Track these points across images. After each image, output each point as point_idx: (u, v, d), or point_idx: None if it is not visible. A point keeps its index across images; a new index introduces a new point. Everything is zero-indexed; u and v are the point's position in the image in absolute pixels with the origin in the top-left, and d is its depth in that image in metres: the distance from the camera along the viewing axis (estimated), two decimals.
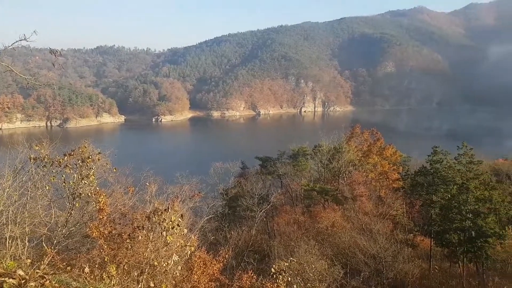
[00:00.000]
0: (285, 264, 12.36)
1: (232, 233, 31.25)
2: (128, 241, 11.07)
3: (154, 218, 10.93)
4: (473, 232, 31.20)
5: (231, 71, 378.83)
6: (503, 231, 32.33)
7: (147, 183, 18.64)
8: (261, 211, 35.54)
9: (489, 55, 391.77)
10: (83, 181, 13.35)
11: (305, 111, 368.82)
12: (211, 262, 15.88)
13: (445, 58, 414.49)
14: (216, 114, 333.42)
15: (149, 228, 10.99)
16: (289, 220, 39.29)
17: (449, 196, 33.88)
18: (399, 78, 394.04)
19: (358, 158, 53.00)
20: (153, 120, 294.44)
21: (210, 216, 29.28)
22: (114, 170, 15.93)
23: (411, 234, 41.32)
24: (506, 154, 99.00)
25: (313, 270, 19.44)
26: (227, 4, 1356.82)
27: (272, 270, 11.98)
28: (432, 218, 35.52)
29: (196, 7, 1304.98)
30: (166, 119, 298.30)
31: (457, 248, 31.65)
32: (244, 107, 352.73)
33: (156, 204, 12.00)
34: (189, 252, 11.97)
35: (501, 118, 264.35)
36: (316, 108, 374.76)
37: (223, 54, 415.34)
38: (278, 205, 45.78)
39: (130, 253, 10.75)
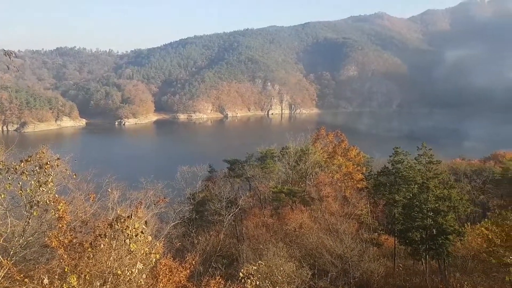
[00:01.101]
0: (254, 268, 12.23)
1: (200, 238, 30.78)
2: (89, 250, 10.60)
3: (116, 226, 10.56)
4: (434, 230, 32.43)
5: (197, 73, 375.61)
6: (462, 228, 33.88)
7: (109, 189, 17.98)
8: (230, 214, 35.26)
9: (445, 59, 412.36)
10: (41, 188, 12.62)
11: (272, 114, 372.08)
12: (177, 269, 15.49)
13: (404, 62, 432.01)
14: (182, 116, 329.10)
15: (112, 236, 10.60)
16: (257, 223, 39.25)
17: (411, 195, 35.10)
18: (361, 81, 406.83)
19: (324, 159, 54.03)
20: (116, 123, 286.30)
21: (177, 221, 28.66)
22: (74, 176, 15.23)
23: (376, 233, 42.45)
24: (463, 154, 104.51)
25: (281, 273, 19.45)
26: (192, 5, 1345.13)
27: (241, 274, 11.81)
28: (395, 217, 36.62)
29: (160, 8, 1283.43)
30: (129, 122, 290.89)
31: (420, 246, 32.73)
32: (211, 110, 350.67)
33: (119, 211, 11.64)
34: (154, 259, 11.61)
35: (458, 120, 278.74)
36: (283, 111, 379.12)
37: (189, 56, 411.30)
38: (246, 208, 45.65)
39: (92, 262, 10.31)
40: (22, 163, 12.28)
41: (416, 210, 33.22)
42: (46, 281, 7.73)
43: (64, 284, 8.82)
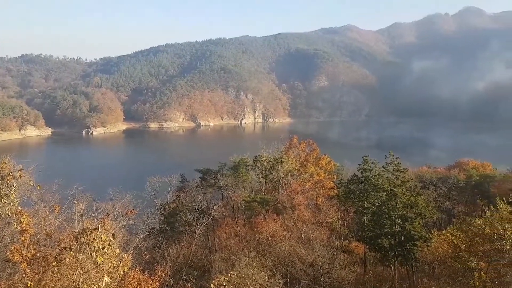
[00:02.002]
0: (225, 278, 12.17)
1: (170, 250, 30.17)
2: (54, 264, 10.28)
3: (82, 238, 10.34)
4: (402, 236, 33.30)
5: (169, 81, 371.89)
6: (429, 234, 34.99)
7: (75, 201, 17.42)
8: (201, 225, 34.80)
9: (411, 71, 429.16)
10: (2, 200, 12.11)
11: (245, 123, 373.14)
12: (147, 282, 15.17)
13: (372, 73, 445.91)
14: (153, 125, 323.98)
15: (78, 249, 10.37)
16: (230, 232, 38.97)
17: (379, 202, 35.98)
18: (332, 91, 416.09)
19: (296, 168, 54.61)
20: (84, 132, 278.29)
21: (146, 233, 28.00)
22: (38, 188, 14.72)
23: (346, 240, 43.13)
24: (429, 162, 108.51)
25: (253, 283, 19.35)
26: (164, 14, 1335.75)
27: (212, 286, 11.70)
28: (365, 224, 37.38)
29: (131, 15, 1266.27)
30: (97, 131, 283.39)
31: (389, 252, 33.51)
32: (183, 119, 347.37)
33: (85, 223, 11.36)
34: (122, 272, 11.34)
35: (423, 129, 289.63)
36: (256, 120, 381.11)
37: (160, 64, 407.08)
38: (219, 218, 45.24)
39: (56, 276, 9.99)
40: None
41: (384, 217, 34.04)
42: None
43: None
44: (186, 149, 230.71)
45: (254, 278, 19.95)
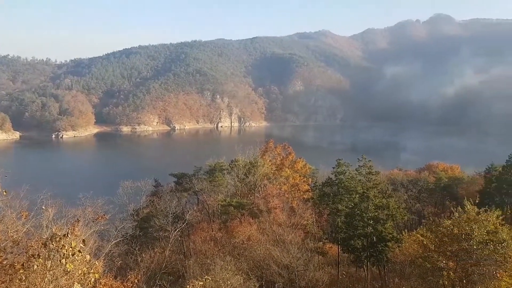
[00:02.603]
0: (200, 283, 12.10)
1: (144, 255, 29.70)
2: (21, 271, 10.03)
3: (51, 245, 10.12)
4: (374, 237, 34.12)
5: (142, 84, 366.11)
6: (400, 235, 35.98)
7: (43, 207, 16.90)
8: (176, 230, 34.39)
9: (384, 76, 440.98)
10: None
11: (222, 126, 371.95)
12: None
13: (346, 78, 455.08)
14: (126, 129, 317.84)
15: (46, 256, 10.14)
16: (205, 237, 38.69)
17: (352, 204, 36.73)
18: (307, 96, 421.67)
19: (272, 171, 54.88)
20: (53, 136, 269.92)
21: (119, 239, 27.48)
22: (5, 193, 14.26)
23: (321, 242, 43.64)
24: (400, 165, 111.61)
25: (228, 287, 19.32)
26: (137, 15, 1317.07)
27: None
28: (338, 226, 38.00)
29: (102, 16, 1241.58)
30: (68, 135, 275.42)
31: (361, 253, 34.24)
32: (157, 122, 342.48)
33: (54, 229, 11.05)
34: (93, 279, 11.08)
35: (395, 133, 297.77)
36: (232, 123, 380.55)
37: (133, 66, 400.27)
38: (194, 222, 44.82)
39: (24, 284, 9.79)
40: None
41: (357, 219, 34.77)
42: None
43: None
44: (160, 153, 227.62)
45: (229, 282, 19.93)
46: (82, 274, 10.56)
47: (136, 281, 16.32)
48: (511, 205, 56.50)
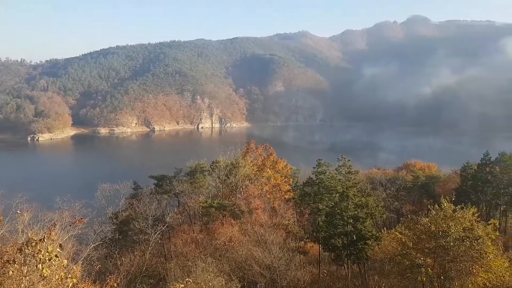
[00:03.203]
0: (181, 285, 11.98)
1: (123, 259, 29.20)
2: None
3: (27, 250, 9.94)
4: (354, 235, 34.63)
5: (120, 85, 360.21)
6: (379, 233, 36.63)
7: (18, 211, 16.40)
8: (156, 233, 33.97)
9: (362, 76, 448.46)
10: None
11: (202, 127, 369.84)
12: None
13: (326, 78, 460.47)
14: (104, 131, 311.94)
15: (22, 261, 9.95)
16: (186, 239, 38.37)
17: (333, 203, 37.18)
18: (288, 96, 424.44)
19: (253, 172, 54.87)
20: (29, 139, 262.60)
21: (98, 243, 26.96)
22: None
23: (302, 242, 43.98)
24: (378, 164, 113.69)
25: None
26: (115, 15, 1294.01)
27: None
28: (319, 225, 38.35)
29: (79, 15, 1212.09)
30: (44, 137, 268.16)
31: (342, 252, 34.71)
32: (136, 123, 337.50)
33: (30, 234, 10.74)
34: (70, 284, 10.83)
35: (374, 133, 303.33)
36: (213, 124, 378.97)
37: (110, 66, 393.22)
38: (175, 225, 44.36)
39: None
40: None
41: (337, 218, 35.21)
42: None
43: None
44: (139, 155, 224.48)
45: (210, 284, 19.80)
46: (59, 279, 10.38)
47: (116, 285, 16.00)
48: (487, 202, 58.48)
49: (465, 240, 23.18)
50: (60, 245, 11.02)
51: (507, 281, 22.63)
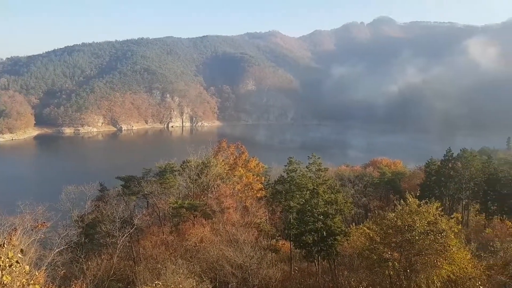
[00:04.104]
0: None
1: (90, 263, 28.23)
2: None
3: None
4: (324, 232, 35.10)
5: (86, 83, 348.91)
6: (348, 229, 37.32)
7: None
8: (124, 235, 33.06)
9: (331, 76, 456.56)
10: None
11: (172, 126, 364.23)
12: None
13: (296, 78, 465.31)
14: (68, 130, 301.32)
15: None
16: (156, 241, 37.59)
17: (303, 201, 37.55)
18: (259, 95, 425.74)
19: (225, 171, 54.48)
20: None
21: (62, 247, 25.90)
22: None
23: (274, 240, 44.14)
24: (347, 162, 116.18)
25: None
26: (80, 11, 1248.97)
27: None
28: (291, 223, 38.65)
29: (41, 12, 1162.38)
30: (4, 138, 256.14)
31: (313, 248, 35.13)
32: (103, 123, 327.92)
33: None
34: None
35: (343, 131, 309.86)
36: (184, 123, 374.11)
37: (75, 64, 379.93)
38: (144, 227, 43.33)
39: None
40: None
41: (308, 215, 35.61)
42: None
43: None
44: (106, 156, 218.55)
45: (181, 286, 19.47)
46: (21, 286, 9.86)
47: None
48: (449, 197, 60.89)
49: (429, 234, 23.90)
50: (22, 251, 10.50)
51: (469, 273, 23.56)
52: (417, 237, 23.88)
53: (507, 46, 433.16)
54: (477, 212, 60.83)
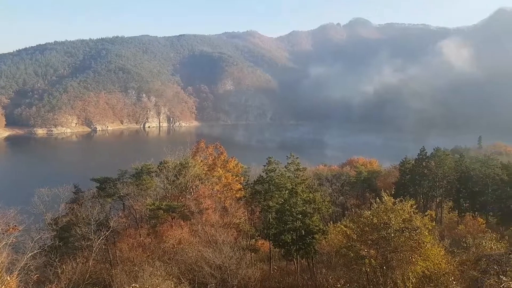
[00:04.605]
0: None
1: (65, 267, 27.47)
2: None
3: None
4: (303, 230, 35.42)
5: (58, 82, 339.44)
6: (326, 227, 37.76)
7: None
8: (100, 238, 32.31)
9: (309, 76, 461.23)
10: None
11: (149, 127, 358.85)
12: None
13: (275, 78, 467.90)
14: (41, 131, 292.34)
15: None
16: (133, 244, 36.95)
17: (282, 200, 37.75)
18: (238, 95, 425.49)
19: (204, 172, 54.06)
20: None
21: (36, 251, 25.05)
22: None
23: (253, 240, 44.19)
24: (324, 161, 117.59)
25: None
26: (52, 9, 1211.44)
27: None
28: (270, 222, 38.78)
29: (12, 10, 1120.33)
30: None
31: (291, 247, 35.37)
32: (76, 123, 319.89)
33: None
34: None
35: (320, 131, 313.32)
36: (161, 124, 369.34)
37: (48, 63, 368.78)
38: (120, 229, 42.43)
39: None
40: None
41: (287, 214, 35.84)
42: None
43: None
44: (80, 157, 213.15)
45: None
46: None
47: None
48: (424, 194, 62.56)
49: (404, 231, 24.43)
50: None
51: (443, 268, 24.25)
52: (392, 235, 24.37)
53: (479, 48, 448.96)
54: (450, 209, 62.80)
